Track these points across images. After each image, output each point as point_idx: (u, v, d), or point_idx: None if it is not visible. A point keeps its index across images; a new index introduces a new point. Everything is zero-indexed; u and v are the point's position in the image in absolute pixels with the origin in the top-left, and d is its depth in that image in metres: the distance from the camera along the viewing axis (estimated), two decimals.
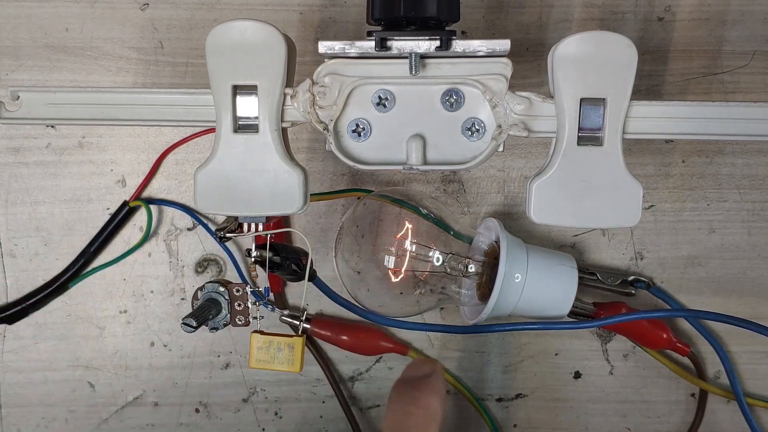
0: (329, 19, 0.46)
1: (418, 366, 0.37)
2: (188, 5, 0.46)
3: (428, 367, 0.37)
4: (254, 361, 0.43)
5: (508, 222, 0.48)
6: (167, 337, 0.49)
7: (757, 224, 0.48)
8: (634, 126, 0.37)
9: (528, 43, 0.46)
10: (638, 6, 0.46)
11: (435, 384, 0.35)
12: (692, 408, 0.49)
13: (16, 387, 0.50)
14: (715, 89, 0.46)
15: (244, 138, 0.37)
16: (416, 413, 0.33)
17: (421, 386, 0.35)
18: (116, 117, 0.38)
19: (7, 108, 0.39)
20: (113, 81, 0.47)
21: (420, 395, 0.34)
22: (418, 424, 0.33)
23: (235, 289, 0.45)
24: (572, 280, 0.43)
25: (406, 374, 0.36)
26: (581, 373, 0.50)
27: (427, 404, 0.34)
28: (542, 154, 0.47)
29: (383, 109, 0.38)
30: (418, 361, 0.38)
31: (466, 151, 0.38)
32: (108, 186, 0.48)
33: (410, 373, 0.36)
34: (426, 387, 0.35)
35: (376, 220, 0.44)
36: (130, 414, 0.50)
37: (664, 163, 0.47)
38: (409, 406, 0.34)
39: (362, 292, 0.44)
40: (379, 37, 0.35)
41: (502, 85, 0.37)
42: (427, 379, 0.36)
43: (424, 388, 0.35)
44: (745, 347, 0.49)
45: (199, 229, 0.48)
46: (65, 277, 0.48)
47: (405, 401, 0.34)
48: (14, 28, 0.46)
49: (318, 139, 0.47)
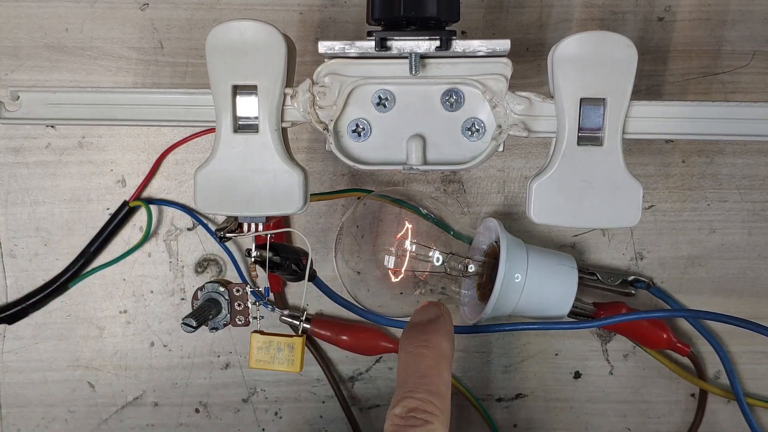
0: (329, 19, 0.46)
1: (425, 310, 0.38)
2: (188, 5, 0.46)
3: (435, 310, 0.38)
4: (254, 361, 0.43)
5: (508, 222, 0.48)
6: (167, 337, 0.49)
7: (757, 224, 0.48)
8: (634, 126, 0.37)
9: (528, 43, 0.46)
10: (638, 6, 0.46)
11: (443, 326, 0.36)
12: (692, 408, 0.49)
13: (16, 387, 0.50)
14: (715, 89, 0.46)
15: (244, 138, 0.37)
16: (428, 354, 0.34)
17: (430, 329, 0.36)
18: (116, 117, 0.38)
19: (7, 108, 0.39)
20: (113, 81, 0.47)
21: (430, 337, 0.35)
22: (431, 365, 0.34)
23: (235, 289, 0.45)
24: (572, 280, 0.43)
25: (415, 319, 0.37)
26: (581, 373, 0.50)
27: (437, 345, 0.35)
28: (542, 154, 0.47)
29: (383, 109, 0.38)
30: (424, 305, 0.38)
31: (466, 151, 0.38)
32: (108, 186, 0.48)
33: (418, 318, 0.37)
34: (435, 329, 0.36)
35: (376, 220, 0.44)
36: (130, 414, 0.50)
37: (664, 163, 0.47)
38: (421, 348, 0.35)
39: (362, 292, 0.44)
40: (379, 37, 0.35)
41: (502, 85, 0.37)
42: (435, 321, 0.37)
43: (433, 331, 0.36)
44: (745, 347, 0.49)
45: (199, 229, 0.48)
46: (65, 277, 0.48)
47: (417, 344, 0.35)
48: (14, 28, 0.46)
49: (318, 139, 0.47)
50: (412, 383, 0.33)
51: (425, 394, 0.33)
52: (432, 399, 0.33)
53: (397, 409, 0.32)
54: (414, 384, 0.33)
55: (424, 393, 0.33)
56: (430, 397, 0.33)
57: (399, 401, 0.33)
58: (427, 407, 0.32)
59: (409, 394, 0.33)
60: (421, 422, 0.32)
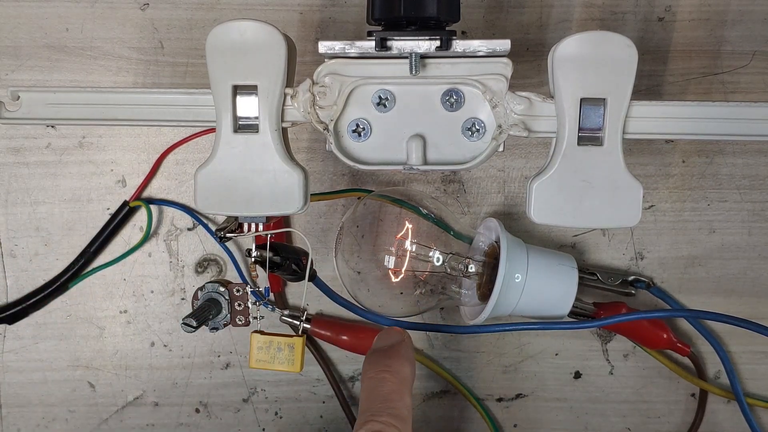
0: (329, 19, 0.46)
1: (387, 336, 0.39)
2: (188, 5, 0.46)
3: (397, 336, 0.39)
4: (254, 361, 0.43)
5: (508, 222, 0.48)
6: (167, 337, 0.49)
7: (757, 224, 0.48)
8: (635, 126, 0.37)
9: (528, 43, 0.46)
10: (638, 6, 0.46)
11: (404, 351, 0.38)
12: (692, 408, 0.49)
13: (16, 387, 0.50)
14: (715, 89, 0.46)
15: (244, 138, 0.37)
16: (390, 379, 0.35)
17: (392, 354, 0.37)
18: (116, 117, 0.38)
19: (8, 108, 0.39)
20: (113, 81, 0.47)
21: (392, 363, 0.36)
22: (393, 389, 0.35)
23: (236, 289, 0.45)
24: (572, 280, 0.43)
25: (377, 344, 0.38)
26: (581, 373, 0.50)
27: (399, 370, 0.36)
28: (542, 154, 0.47)
29: (383, 109, 0.38)
30: (386, 331, 0.40)
31: (466, 151, 0.38)
32: (108, 186, 0.48)
33: (380, 344, 0.38)
34: (397, 354, 0.37)
35: (376, 220, 0.44)
36: (130, 414, 0.50)
37: (665, 163, 0.47)
38: (383, 373, 0.36)
39: (362, 292, 0.44)
40: (380, 37, 0.35)
41: (502, 85, 0.37)
42: (397, 347, 0.38)
43: (395, 356, 0.37)
44: (745, 347, 0.49)
45: (199, 229, 0.48)
46: (65, 277, 0.48)
47: (379, 369, 0.36)
48: (14, 28, 0.46)
49: (318, 139, 0.47)
50: (375, 407, 0.34)
51: (388, 417, 0.33)
52: (394, 422, 0.33)
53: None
54: (377, 408, 0.34)
55: (387, 416, 0.33)
56: (392, 420, 0.33)
57: (363, 424, 0.33)
58: (390, 430, 0.33)
59: (373, 417, 0.33)
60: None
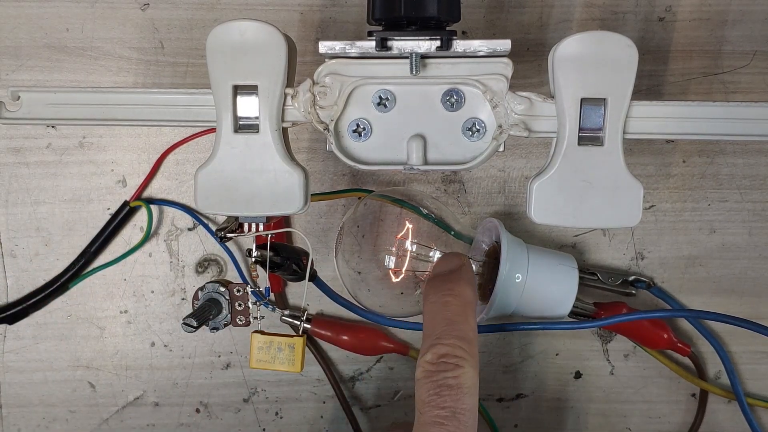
0: (329, 19, 0.46)
1: (447, 260, 0.38)
2: (188, 5, 0.46)
3: (457, 260, 0.38)
4: (255, 361, 0.43)
5: (508, 222, 0.48)
6: (168, 337, 0.49)
7: (757, 224, 0.48)
8: (635, 126, 0.37)
9: (528, 43, 0.46)
10: (639, 6, 0.46)
11: (466, 274, 0.37)
12: (693, 408, 0.49)
13: (17, 387, 0.50)
14: (715, 89, 0.46)
15: (245, 138, 0.37)
16: (454, 302, 0.35)
17: (453, 278, 0.37)
18: (117, 117, 0.38)
19: (8, 108, 0.39)
20: (113, 81, 0.47)
21: (454, 286, 0.36)
22: (457, 312, 0.35)
23: (236, 289, 0.45)
24: (573, 280, 0.43)
25: (438, 269, 0.38)
26: (582, 373, 0.50)
27: (462, 293, 0.36)
28: (543, 154, 0.47)
29: (384, 109, 0.38)
30: (445, 256, 0.39)
31: (467, 151, 0.38)
32: (108, 186, 0.48)
33: (441, 268, 0.38)
34: (458, 278, 0.37)
35: (376, 220, 0.44)
36: (130, 414, 0.50)
37: (665, 163, 0.47)
38: (446, 297, 0.35)
39: (363, 292, 0.44)
40: (380, 37, 0.35)
41: (502, 85, 0.37)
42: (458, 271, 0.37)
43: (457, 279, 0.37)
44: (745, 347, 0.49)
45: (200, 229, 0.48)
46: (66, 277, 0.48)
47: (442, 293, 0.36)
48: (14, 28, 0.46)
49: (318, 139, 0.47)
50: (440, 330, 0.34)
51: (454, 339, 0.33)
52: (461, 344, 0.33)
53: (428, 356, 0.33)
54: (442, 331, 0.34)
55: (453, 339, 0.33)
56: (459, 342, 0.33)
57: (429, 348, 0.33)
58: (457, 352, 0.33)
59: (438, 340, 0.34)
60: (452, 366, 0.33)
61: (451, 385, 0.33)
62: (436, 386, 0.33)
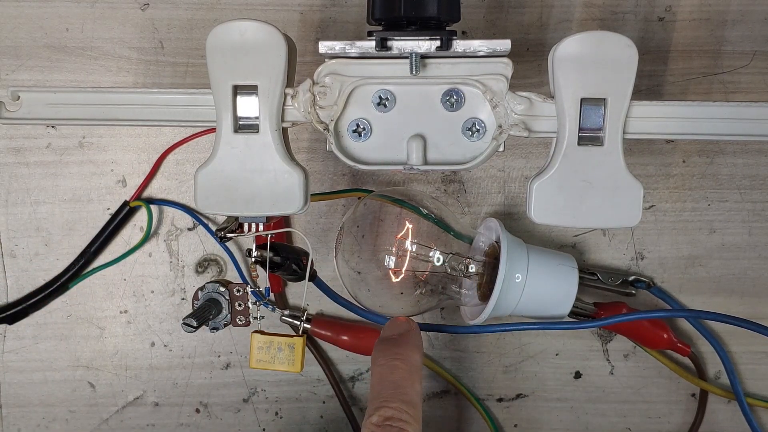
0: (329, 19, 0.46)
1: (395, 325, 0.39)
2: (188, 5, 0.46)
3: (405, 325, 0.39)
4: (255, 361, 0.43)
5: (508, 222, 0.48)
6: (168, 337, 0.49)
7: (757, 224, 0.48)
8: (635, 126, 0.37)
9: (528, 43, 0.46)
10: (639, 6, 0.46)
11: (413, 339, 0.38)
12: (693, 408, 0.49)
13: (17, 387, 0.50)
14: (715, 89, 0.46)
15: (245, 138, 0.37)
16: (401, 366, 0.36)
17: (401, 342, 0.38)
18: (116, 117, 0.38)
19: (8, 108, 0.39)
20: (113, 81, 0.47)
21: (402, 350, 0.37)
22: (404, 376, 0.36)
23: (236, 289, 0.45)
24: (573, 280, 0.43)
25: (386, 333, 0.39)
26: (581, 373, 0.50)
27: (409, 357, 0.36)
28: (543, 154, 0.47)
29: (384, 109, 0.38)
30: (393, 321, 0.40)
31: (467, 151, 0.38)
32: (108, 186, 0.48)
33: (389, 332, 0.39)
34: (406, 342, 0.38)
35: (376, 220, 0.44)
36: (130, 414, 0.50)
37: (665, 163, 0.47)
38: (394, 361, 0.36)
39: (363, 292, 0.44)
40: (380, 37, 0.35)
41: (502, 85, 0.37)
42: (406, 335, 0.38)
43: (404, 344, 0.37)
44: (745, 347, 0.49)
45: (200, 229, 0.48)
46: (66, 277, 0.48)
47: (390, 357, 0.36)
48: (14, 28, 0.46)
49: (318, 139, 0.47)
50: (386, 393, 0.35)
51: (399, 403, 0.34)
52: (406, 408, 0.34)
53: (373, 418, 0.34)
54: (389, 394, 0.35)
55: (398, 402, 0.34)
56: (403, 406, 0.34)
57: (375, 410, 0.34)
58: (401, 416, 0.34)
59: (384, 403, 0.34)
60: (396, 430, 0.33)
61: None
62: None
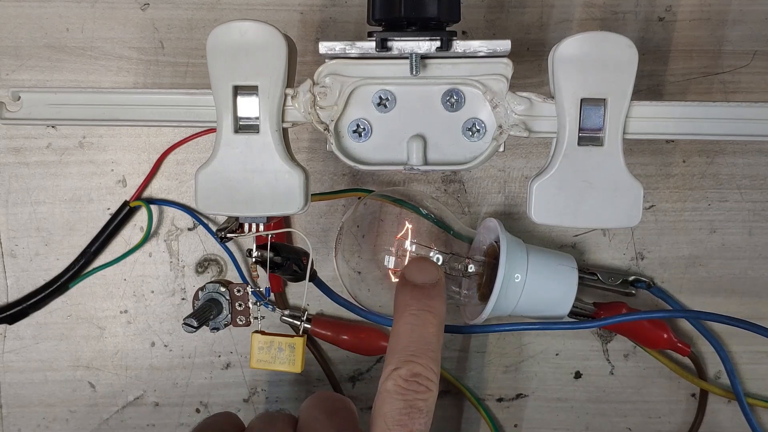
0: (330, 20, 0.46)
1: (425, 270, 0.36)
2: (189, 5, 0.46)
3: (436, 273, 0.36)
4: (255, 361, 0.43)
5: (508, 222, 0.48)
6: (168, 337, 0.49)
7: (758, 224, 0.48)
8: (635, 126, 0.37)
9: (528, 44, 0.46)
10: (639, 6, 0.46)
11: (443, 291, 0.36)
12: (693, 408, 0.49)
13: (17, 387, 0.50)
14: (715, 89, 0.46)
15: (245, 138, 0.37)
16: (433, 321, 0.34)
17: (434, 294, 0.35)
18: (117, 117, 0.38)
19: (8, 108, 0.39)
20: (114, 81, 0.47)
21: (434, 303, 0.35)
22: (434, 332, 0.34)
23: (236, 289, 0.45)
24: (572, 280, 0.43)
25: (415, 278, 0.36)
26: (582, 373, 0.50)
27: (440, 312, 0.35)
28: (543, 154, 0.47)
29: (384, 110, 0.38)
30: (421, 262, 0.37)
31: (467, 152, 0.38)
32: (108, 186, 0.48)
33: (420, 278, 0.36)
34: (438, 295, 0.35)
35: (376, 220, 0.44)
36: (130, 414, 0.50)
37: (665, 163, 0.47)
38: (426, 313, 0.34)
39: (363, 292, 0.44)
40: (380, 38, 0.35)
41: (502, 85, 0.37)
42: (438, 286, 0.36)
43: (437, 296, 0.35)
44: (745, 347, 0.49)
45: (200, 229, 0.48)
46: (66, 277, 0.48)
47: (422, 308, 0.34)
48: (14, 28, 0.46)
49: (319, 139, 0.47)
50: (416, 348, 0.33)
51: (429, 361, 0.33)
52: (434, 367, 0.33)
53: (402, 371, 0.33)
54: (419, 349, 0.33)
55: (428, 360, 0.33)
56: (432, 365, 0.33)
57: (404, 363, 0.33)
58: (429, 375, 0.33)
59: (414, 358, 0.33)
60: (424, 389, 0.32)
61: (420, 409, 0.32)
62: (408, 406, 0.32)
